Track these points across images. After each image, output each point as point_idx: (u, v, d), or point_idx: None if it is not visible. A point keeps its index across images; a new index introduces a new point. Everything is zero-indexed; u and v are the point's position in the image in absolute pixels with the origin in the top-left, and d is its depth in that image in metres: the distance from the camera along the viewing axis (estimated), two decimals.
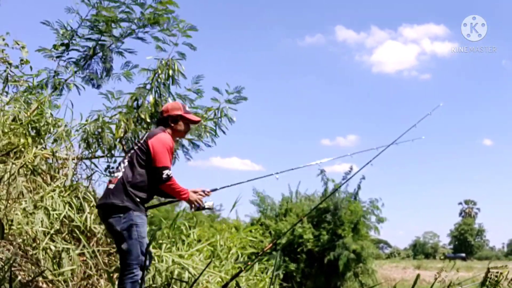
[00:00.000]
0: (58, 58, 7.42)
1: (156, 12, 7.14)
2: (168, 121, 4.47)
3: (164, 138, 4.28)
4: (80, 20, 7.21)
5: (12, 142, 5.67)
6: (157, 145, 4.20)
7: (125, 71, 7.57)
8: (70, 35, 7.31)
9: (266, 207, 23.89)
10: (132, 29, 7.41)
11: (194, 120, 4.69)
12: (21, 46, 7.08)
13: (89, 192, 6.12)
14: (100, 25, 7.24)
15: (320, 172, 22.86)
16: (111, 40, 7.37)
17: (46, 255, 4.78)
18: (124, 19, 7.29)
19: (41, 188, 5.59)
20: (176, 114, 4.48)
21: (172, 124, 4.46)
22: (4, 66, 6.98)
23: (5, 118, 5.96)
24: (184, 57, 7.31)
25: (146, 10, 7.18)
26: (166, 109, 4.54)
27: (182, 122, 4.51)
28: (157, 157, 4.17)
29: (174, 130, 4.47)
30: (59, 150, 6.47)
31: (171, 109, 4.50)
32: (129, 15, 7.24)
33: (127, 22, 7.35)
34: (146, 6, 7.15)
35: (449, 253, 72.50)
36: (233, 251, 7.49)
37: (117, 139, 6.88)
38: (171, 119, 4.47)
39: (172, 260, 5.91)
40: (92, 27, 7.31)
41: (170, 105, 4.62)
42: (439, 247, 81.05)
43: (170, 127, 4.46)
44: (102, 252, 5.49)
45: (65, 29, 7.28)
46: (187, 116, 4.55)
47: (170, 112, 4.48)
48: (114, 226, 4.11)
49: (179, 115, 4.49)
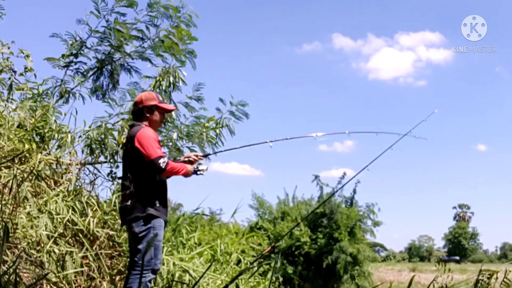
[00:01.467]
0: (65, 68, 7.42)
1: (169, 36, 7.17)
2: (144, 112, 4.40)
3: (145, 132, 4.24)
4: (90, 31, 7.22)
5: (17, 148, 5.66)
6: (142, 141, 4.16)
7: (131, 89, 7.55)
8: (79, 45, 7.31)
9: (265, 211, 23.85)
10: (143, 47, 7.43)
11: (169, 109, 4.67)
12: (25, 54, 7.09)
13: (92, 196, 6.14)
14: (112, 39, 7.25)
15: (315, 178, 22.90)
16: (121, 55, 7.38)
17: (50, 258, 4.78)
18: (138, 37, 7.33)
19: (45, 193, 5.59)
20: (151, 105, 4.41)
21: (148, 115, 4.40)
22: (9, 74, 6.99)
23: (10, 125, 5.97)
24: (184, 64, 7.34)
25: (159, 32, 7.22)
26: (140, 100, 4.45)
27: (158, 112, 4.45)
28: (148, 152, 4.13)
29: (151, 120, 4.41)
30: (63, 155, 6.46)
31: (145, 100, 4.43)
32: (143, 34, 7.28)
33: (139, 41, 7.38)
34: (160, 29, 7.21)
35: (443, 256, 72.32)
36: (233, 255, 7.49)
37: (120, 145, 6.87)
38: (147, 110, 4.40)
39: (173, 263, 5.91)
40: (102, 39, 7.32)
41: (143, 95, 4.53)
42: (433, 250, 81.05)
43: (146, 118, 4.40)
44: (104, 255, 5.48)
45: (74, 39, 7.27)
46: (162, 105, 4.49)
47: (145, 103, 4.41)
48: (133, 228, 4.13)
49: (154, 105, 4.43)
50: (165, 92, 7.11)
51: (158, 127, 4.66)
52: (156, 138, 4.29)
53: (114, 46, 7.27)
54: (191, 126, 7.50)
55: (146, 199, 4.15)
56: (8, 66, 6.89)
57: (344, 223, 21.93)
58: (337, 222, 21.99)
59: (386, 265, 50.99)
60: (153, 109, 4.43)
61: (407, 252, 79.91)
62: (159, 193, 4.27)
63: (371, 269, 24.03)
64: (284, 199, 24.15)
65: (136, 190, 4.16)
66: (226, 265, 7.03)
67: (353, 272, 21.91)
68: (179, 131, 7.42)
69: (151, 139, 4.20)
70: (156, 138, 4.28)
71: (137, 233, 4.11)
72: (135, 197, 4.14)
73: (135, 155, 4.20)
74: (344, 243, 21.24)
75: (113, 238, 5.79)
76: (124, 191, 4.27)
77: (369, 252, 23.36)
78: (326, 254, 21.36)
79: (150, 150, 4.14)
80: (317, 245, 21.62)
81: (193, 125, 7.54)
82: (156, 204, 4.18)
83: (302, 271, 21.36)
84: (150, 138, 4.21)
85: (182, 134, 7.53)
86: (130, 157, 4.26)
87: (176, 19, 7.12)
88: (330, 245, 21.45)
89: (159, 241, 4.20)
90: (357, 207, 23.17)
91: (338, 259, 20.92)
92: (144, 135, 4.21)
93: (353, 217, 22.24)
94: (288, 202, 24.09)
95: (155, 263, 4.15)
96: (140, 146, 4.16)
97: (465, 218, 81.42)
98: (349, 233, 22.05)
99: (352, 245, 21.56)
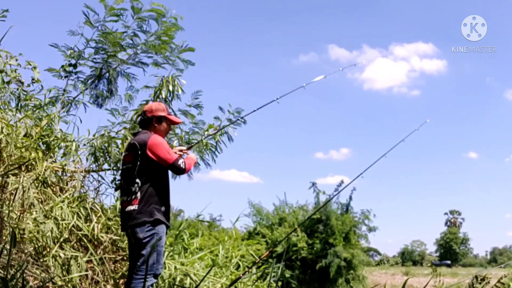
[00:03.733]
0: (66, 78, 7.45)
1: (160, 39, 7.19)
2: (152, 121, 4.43)
3: (157, 139, 4.27)
4: (86, 41, 7.24)
5: (24, 156, 5.67)
6: (156, 148, 4.19)
7: (127, 94, 7.63)
8: (77, 56, 7.34)
9: (263, 217, 23.79)
10: (136, 52, 7.45)
11: (176, 121, 4.70)
12: (32, 66, 7.09)
13: (96, 203, 6.14)
14: (106, 47, 7.27)
15: (312, 185, 22.87)
16: (117, 62, 7.41)
17: (56, 262, 4.78)
18: (130, 45, 7.35)
19: (51, 199, 5.59)
20: (160, 115, 4.45)
21: (156, 125, 4.43)
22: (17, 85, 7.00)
23: (17, 134, 5.97)
24: (182, 72, 7.38)
25: (150, 37, 7.24)
26: (150, 109, 4.48)
27: (165, 123, 4.50)
28: (166, 157, 4.18)
29: (158, 130, 4.43)
30: (68, 163, 6.47)
31: (155, 110, 4.46)
32: (134, 41, 7.29)
33: (132, 48, 7.40)
34: (150, 34, 7.22)
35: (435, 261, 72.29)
36: (233, 260, 7.48)
37: (123, 153, 6.89)
38: (156, 120, 4.43)
39: (174, 267, 5.90)
40: (97, 48, 7.35)
41: (154, 105, 4.56)
42: (426, 254, 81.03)
43: (153, 127, 4.43)
44: (108, 260, 5.48)
45: (72, 51, 7.31)
46: (170, 117, 4.54)
47: (155, 112, 4.44)
48: (137, 233, 4.10)
49: (163, 116, 4.47)
50: (165, 101, 7.13)
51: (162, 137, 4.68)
52: (167, 143, 4.34)
53: (109, 54, 7.29)
54: (191, 133, 7.53)
55: (154, 204, 4.14)
56: (16, 78, 6.90)
57: (339, 229, 21.93)
58: (332, 228, 21.98)
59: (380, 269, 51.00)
60: (162, 120, 4.47)
61: (400, 257, 79.75)
62: (165, 199, 4.27)
63: (365, 272, 24.03)
64: (280, 205, 24.10)
65: (144, 196, 4.16)
66: (226, 269, 7.02)
67: (348, 275, 21.88)
68: (179, 138, 7.46)
69: (164, 144, 4.25)
70: (167, 144, 4.33)
71: (141, 238, 4.08)
72: (142, 202, 4.14)
73: (145, 162, 4.20)
74: (338, 248, 21.23)
75: (116, 243, 5.79)
76: (127, 196, 4.23)
77: (364, 256, 23.33)
78: (321, 259, 21.35)
79: (167, 155, 4.19)
80: (314, 250, 21.58)
81: (193, 133, 7.58)
82: (162, 209, 4.19)
83: (299, 275, 21.31)
84: (163, 144, 4.25)
85: (182, 142, 7.57)
86: (138, 163, 4.23)
87: (163, 23, 7.12)
88: (326, 250, 21.43)
89: (161, 247, 4.20)
90: (352, 214, 23.14)
91: (331, 263, 20.92)
92: (157, 142, 4.24)
93: (348, 223, 22.24)
94: (284, 208, 24.03)
95: (157, 268, 4.14)
96: (155, 153, 4.17)
97: (456, 223, 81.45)
98: (344, 238, 22.04)
99: (347, 250, 21.54)
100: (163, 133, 4.52)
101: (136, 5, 6.94)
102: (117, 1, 6.90)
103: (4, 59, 6.73)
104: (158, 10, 7.00)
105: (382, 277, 40.32)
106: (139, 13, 7.02)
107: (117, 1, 6.90)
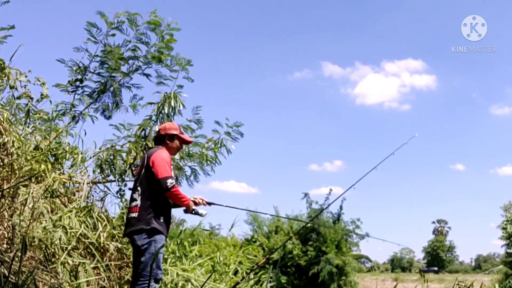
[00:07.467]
0: (73, 92, 7.47)
1: (160, 49, 7.22)
2: (165, 139, 4.51)
3: (162, 153, 4.33)
4: (90, 56, 7.28)
5: (33, 168, 5.68)
6: (157, 160, 4.24)
7: (132, 104, 7.64)
8: (82, 71, 7.38)
9: (260, 225, 23.75)
10: (138, 66, 7.49)
11: (188, 140, 4.78)
12: (41, 82, 7.12)
13: (102, 212, 6.15)
14: (110, 62, 7.31)
15: (305, 195, 22.87)
16: (120, 76, 7.44)
17: (64, 268, 4.78)
18: (132, 57, 7.38)
19: (60, 209, 5.60)
20: (172, 133, 4.54)
21: (168, 142, 4.51)
22: (26, 100, 7.02)
23: (27, 147, 5.99)
24: (181, 87, 7.41)
25: (150, 48, 7.28)
26: (164, 128, 4.59)
27: (177, 141, 4.57)
28: (159, 170, 4.19)
29: (169, 147, 4.51)
30: (75, 175, 6.49)
31: (169, 129, 4.56)
32: (135, 53, 7.33)
33: (134, 60, 7.44)
34: (150, 45, 7.26)
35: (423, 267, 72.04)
36: (231, 266, 7.47)
37: (128, 165, 6.91)
38: (168, 137, 4.52)
39: (176, 273, 5.90)
40: (101, 63, 7.38)
41: (168, 124, 4.67)
42: (414, 261, 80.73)
43: (165, 144, 4.50)
44: (114, 266, 5.48)
45: (78, 66, 7.34)
46: (182, 136, 4.63)
47: (168, 131, 4.54)
48: (136, 241, 4.13)
49: (175, 135, 4.56)
50: (167, 116, 7.17)
51: (173, 154, 4.72)
52: (169, 161, 4.36)
53: (113, 68, 7.33)
54: (191, 145, 7.56)
55: (152, 213, 4.17)
56: (26, 94, 6.93)
57: (331, 237, 21.95)
58: (324, 236, 22.00)
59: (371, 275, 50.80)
60: (174, 138, 4.55)
61: (390, 263, 79.57)
62: (165, 210, 4.30)
63: (357, 278, 24.07)
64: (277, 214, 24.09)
65: (144, 204, 4.19)
66: (225, 275, 7.01)
67: (340, 281, 21.86)
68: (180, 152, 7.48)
69: (165, 160, 4.27)
70: (169, 161, 4.35)
71: (140, 246, 4.11)
72: (142, 210, 4.17)
73: (147, 171, 4.26)
74: (330, 255, 21.24)
75: (121, 250, 5.78)
76: (131, 203, 4.30)
77: (355, 263, 23.34)
78: (314, 265, 21.35)
79: (161, 169, 4.20)
80: (308, 257, 21.58)
81: (194, 145, 7.61)
82: (160, 219, 4.21)
83: (294, 281, 21.29)
84: (164, 159, 4.28)
85: (184, 154, 7.60)
86: (143, 174, 4.29)
87: (159, 32, 7.15)
88: (319, 257, 21.43)
89: (160, 253, 4.22)
90: (343, 223, 23.14)
91: (323, 269, 20.94)
92: (159, 155, 4.29)
93: (339, 232, 22.26)
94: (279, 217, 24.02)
95: (157, 273, 4.15)
96: (154, 164, 4.22)
97: (443, 232, 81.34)
98: (336, 246, 22.04)
99: (339, 257, 21.54)
100: (175, 150, 4.61)
101: (133, 19, 7.00)
102: (117, 15, 6.95)
103: (14, 76, 6.76)
104: (155, 21, 7.02)
105: (372, 283, 40.16)
106: (136, 27, 7.07)
107: (117, 15, 6.95)
